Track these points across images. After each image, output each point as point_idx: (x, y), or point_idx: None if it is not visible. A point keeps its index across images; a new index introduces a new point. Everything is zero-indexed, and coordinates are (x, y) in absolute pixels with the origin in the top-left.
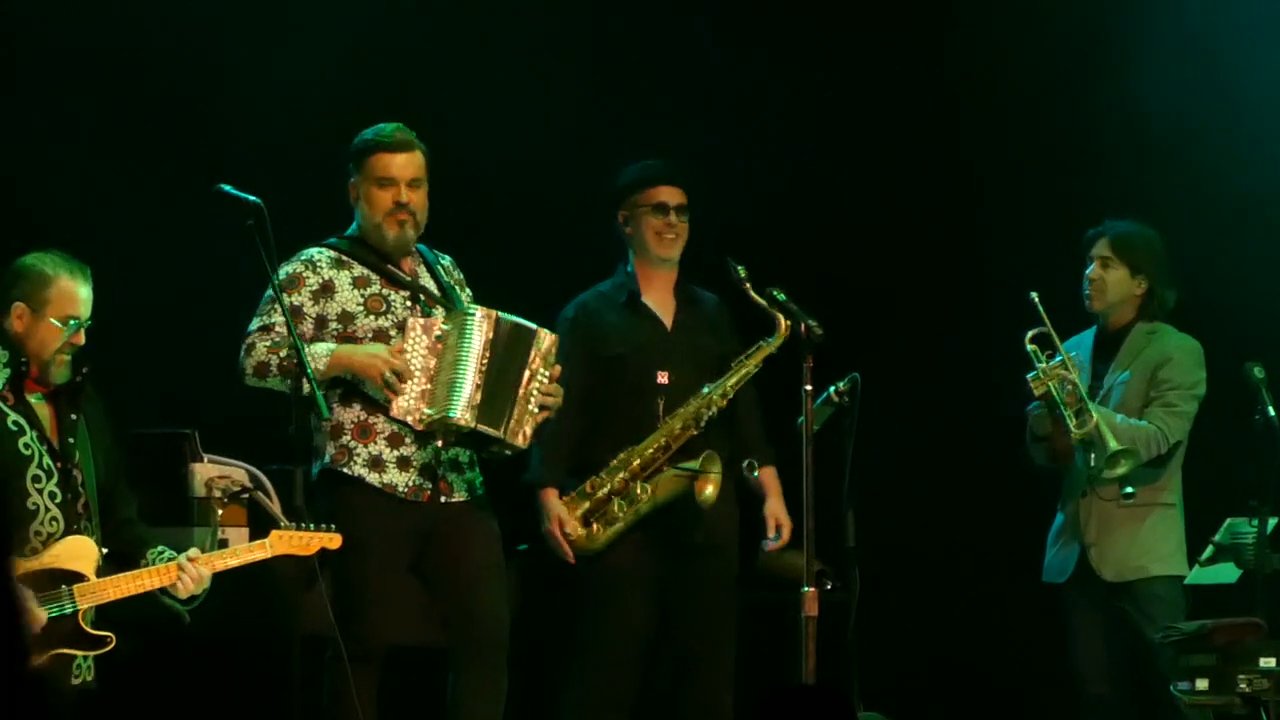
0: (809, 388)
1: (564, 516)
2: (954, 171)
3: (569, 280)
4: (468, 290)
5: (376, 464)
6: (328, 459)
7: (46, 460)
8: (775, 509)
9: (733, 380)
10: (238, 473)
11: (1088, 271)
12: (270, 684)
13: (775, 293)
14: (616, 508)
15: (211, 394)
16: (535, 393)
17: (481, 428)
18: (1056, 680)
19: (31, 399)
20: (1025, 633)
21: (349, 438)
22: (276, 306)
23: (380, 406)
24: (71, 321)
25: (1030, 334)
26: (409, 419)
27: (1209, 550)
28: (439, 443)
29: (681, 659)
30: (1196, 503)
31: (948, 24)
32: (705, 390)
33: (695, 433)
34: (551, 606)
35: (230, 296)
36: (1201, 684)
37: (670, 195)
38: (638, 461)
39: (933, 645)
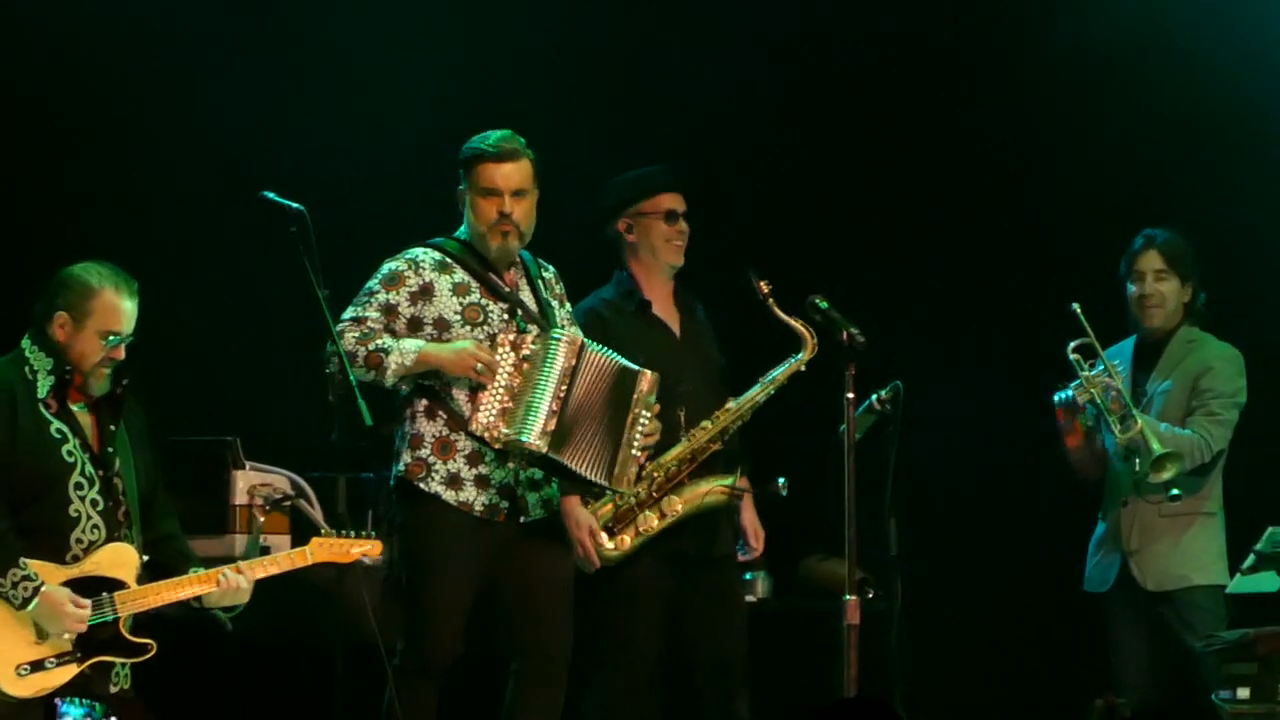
0: (851, 395)
1: (594, 526)
2: (998, 180)
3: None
4: (567, 305)
5: (454, 481)
6: (403, 468)
7: (88, 468)
8: (751, 519)
9: (761, 395)
10: (280, 480)
11: (1141, 287)
12: (312, 692)
13: (819, 301)
14: (647, 519)
15: (253, 402)
16: (639, 435)
17: (552, 455)
18: (1098, 690)
19: (74, 407)
20: (1066, 642)
21: (428, 452)
22: (373, 300)
23: (462, 424)
24: (111, 337)
25: (1073, 344)
26: (487, 435)
27: (1251, 559)
28: (511, 464)
29: (697, 668)
30: (1238, 512)
31: (991, 26)
32: (731, 405)
33: (719, 447)
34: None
35: (273, 305)
36: (1243, 693)
37: (676, 202)
38: (662, 474)
39: (975, 654)
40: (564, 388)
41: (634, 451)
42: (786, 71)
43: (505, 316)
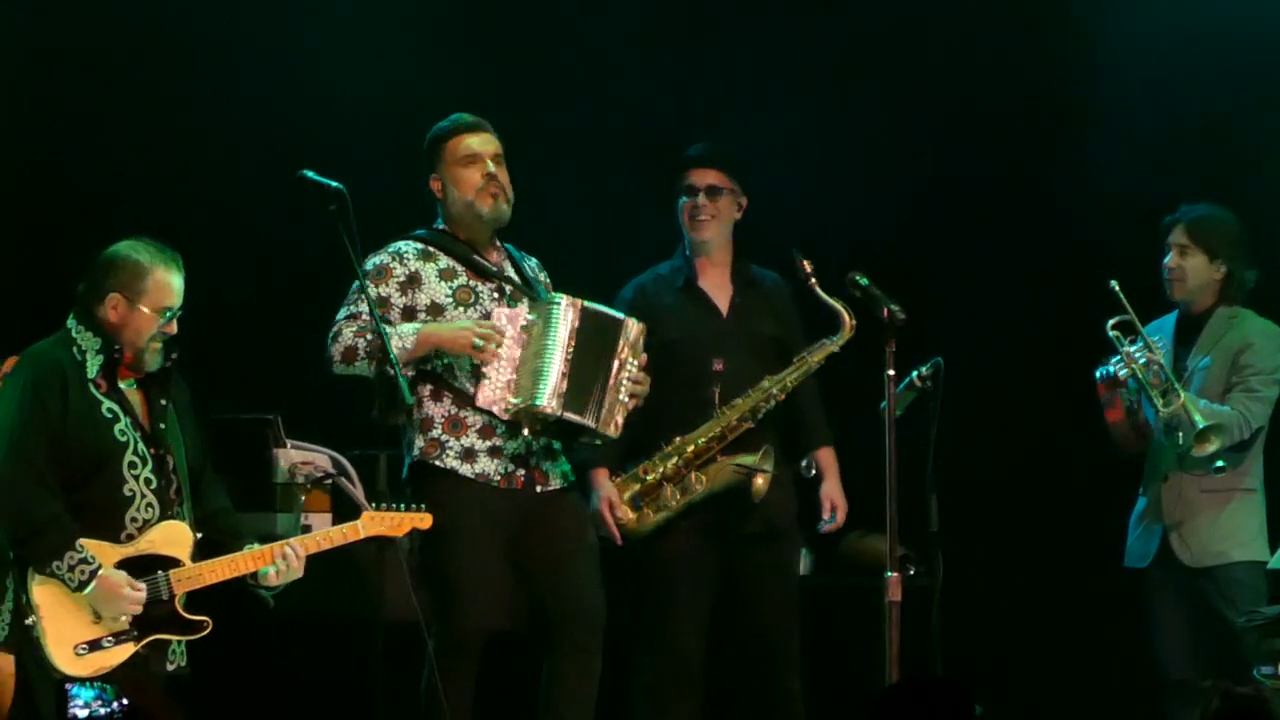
0: (892, 372)
1: (614, 498)
2: (1040, 154)
3: (635, 263)
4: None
5: (469, 455)
6: (417, 452)
7: (141, 447)
8: (831, 490)
9: (793, 376)
10: (321, 458)
11: (1166, 260)
12: (352, 670)
13: (858, 278)
14: (669, 494)
15: (294, 380)
16: (625, 382)
17: (568, 416)
18: (1138, 665)
19: (123, 385)
20: (1107, 617)
21: (440, 431)
22: (363, 295)
23: (469, 400)
24: (166, 312)
25: (1112, 321)
26: (494, 409)
27: None
28: (526, 432)
29: (748, 646)
30: (1279, 487)
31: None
32: (765, 384)
33: (751, 425)
34: (624, 596)
35: (314, 283)
36: None
37: (698, 177)
38: (691, 449)
39: (1015, 630)
40: (570, 348)
41: (621, 397)
42: (824, 51)
43: (495, 295)
